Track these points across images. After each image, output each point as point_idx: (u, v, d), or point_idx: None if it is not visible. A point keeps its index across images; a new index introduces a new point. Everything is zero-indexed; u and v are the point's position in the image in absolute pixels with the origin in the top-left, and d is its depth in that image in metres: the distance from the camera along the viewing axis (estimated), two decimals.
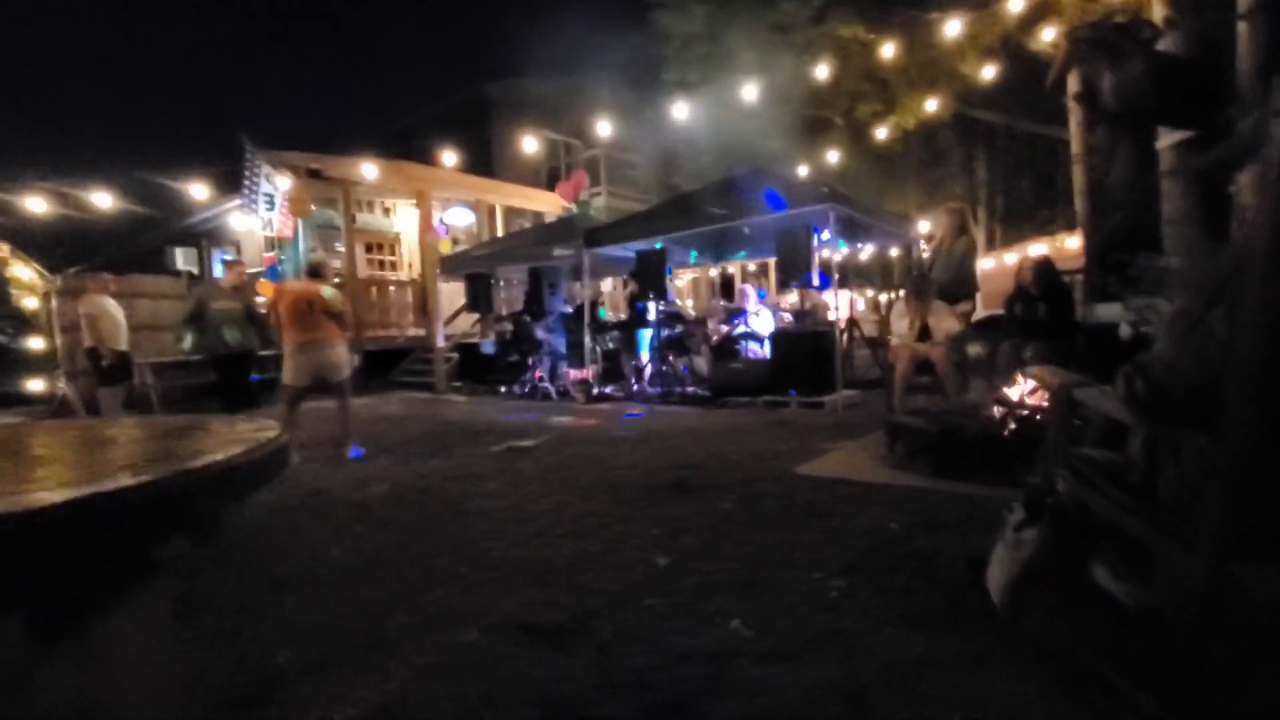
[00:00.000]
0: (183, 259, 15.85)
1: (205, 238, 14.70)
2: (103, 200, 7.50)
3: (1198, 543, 1.15)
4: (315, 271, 5.38)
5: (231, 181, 10.15)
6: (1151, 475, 1.41)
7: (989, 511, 2.74)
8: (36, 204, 7.25)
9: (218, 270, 14.51)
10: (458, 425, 6.61)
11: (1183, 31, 5.78)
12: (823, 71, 7.56)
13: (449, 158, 9.25)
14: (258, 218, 9.44)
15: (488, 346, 10.51)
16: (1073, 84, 7.64)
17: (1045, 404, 3.13)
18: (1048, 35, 6.99)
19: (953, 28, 6.92)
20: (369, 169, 9.50)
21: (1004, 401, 3.81)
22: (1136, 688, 1.39)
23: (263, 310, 7.52)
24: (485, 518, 3.26)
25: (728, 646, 1.87)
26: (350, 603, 2.31)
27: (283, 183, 9.06)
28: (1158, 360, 1.31)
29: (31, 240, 10.35)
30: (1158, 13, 5.79)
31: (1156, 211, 6.54)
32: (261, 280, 9.72)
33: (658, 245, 8.09)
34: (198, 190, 8.36)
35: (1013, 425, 3.36)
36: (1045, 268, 5.06)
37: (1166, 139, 5.99)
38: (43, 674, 0.88)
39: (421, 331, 11.52)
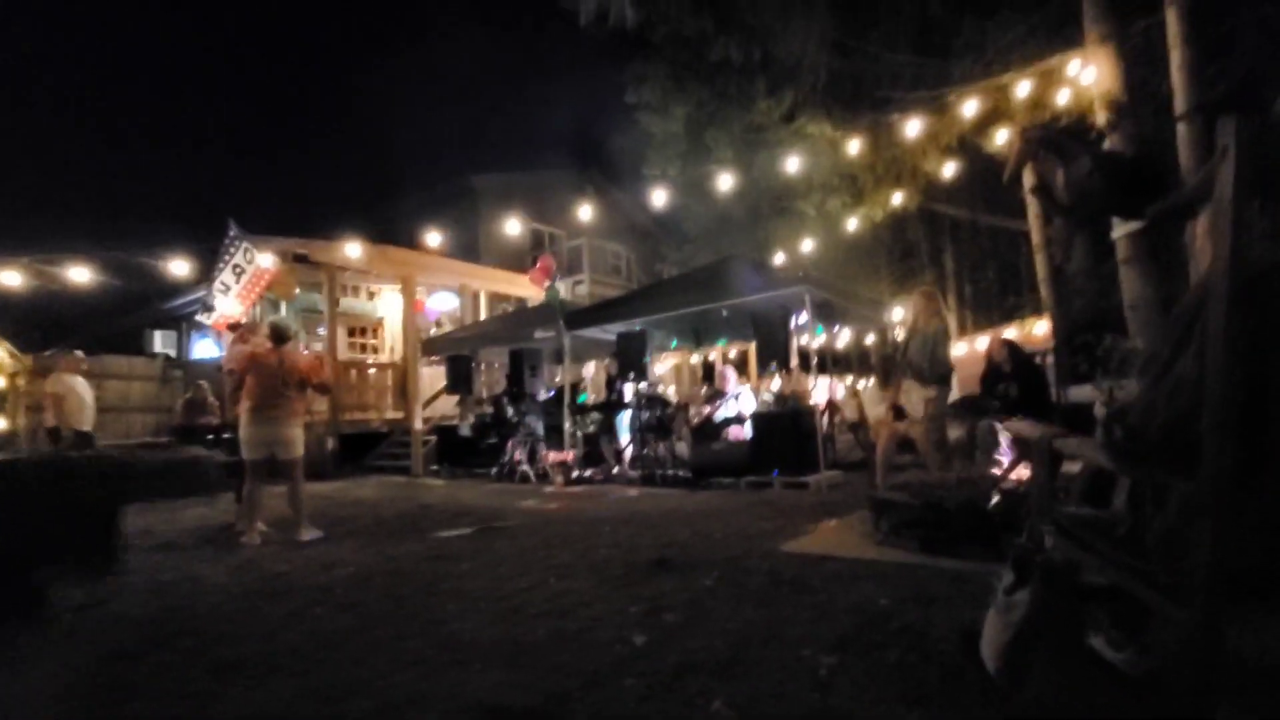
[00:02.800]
0: (161, 341, 15.74)
1: (185, 321, 14.63)
2: (80, 275, 7.42)
3: (1190, 591, 1.11)
4: (280, 336, 5.01)
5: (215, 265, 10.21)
6: (1138, 528, 1.39)
7: (979, 585, 2.67)
8: (11, 278, 7.15)
9: (196, 352, 14.35)
10: (433, 508, 6.39)
11: (1122, 133, 6.31)
12: (794, 165, 7.97)
13: (434, 242, 9.42)
14: (201, 304, 9.47)
15: (466, 429, 10.33)
16: (1029, 178, 8.15)
17: (1027, 476, 3.12)
18: (1001, 137, 7.49)
19: (913, 128, 7.39)
20: (353, 249, 9.59)
21: (987, 476, 3.81)
22: None
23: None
24: (457, 599, 3.09)
25: None
26: (303, 689, 2.15)
27: (264, 260, 9.10)
28: (1134, 407, 1.32)
29: (6, 320, 10.23)
30: (1100, 118, 6.31)
31: (1116, 298, 6.83)
32: None
33: (637, 328, 8.21)
34: (178, 267, 8.30)
35: (997, 498, 3.32)
36: (1014, 346, 5.26)
37: (1121, 229, 6.35)
38: None
39: (400, 415, 11.33)
